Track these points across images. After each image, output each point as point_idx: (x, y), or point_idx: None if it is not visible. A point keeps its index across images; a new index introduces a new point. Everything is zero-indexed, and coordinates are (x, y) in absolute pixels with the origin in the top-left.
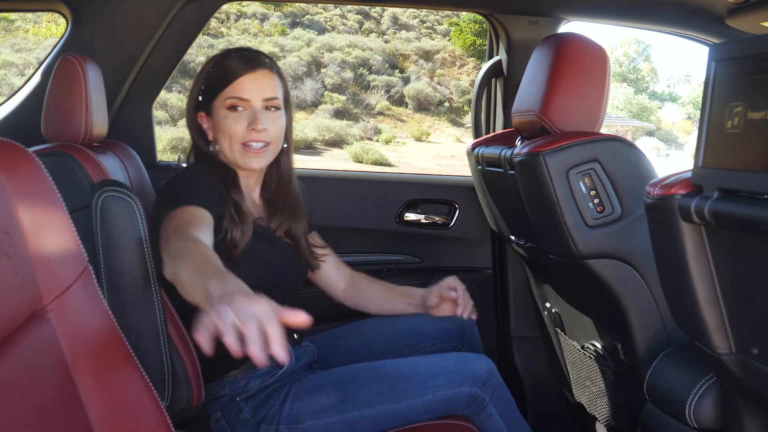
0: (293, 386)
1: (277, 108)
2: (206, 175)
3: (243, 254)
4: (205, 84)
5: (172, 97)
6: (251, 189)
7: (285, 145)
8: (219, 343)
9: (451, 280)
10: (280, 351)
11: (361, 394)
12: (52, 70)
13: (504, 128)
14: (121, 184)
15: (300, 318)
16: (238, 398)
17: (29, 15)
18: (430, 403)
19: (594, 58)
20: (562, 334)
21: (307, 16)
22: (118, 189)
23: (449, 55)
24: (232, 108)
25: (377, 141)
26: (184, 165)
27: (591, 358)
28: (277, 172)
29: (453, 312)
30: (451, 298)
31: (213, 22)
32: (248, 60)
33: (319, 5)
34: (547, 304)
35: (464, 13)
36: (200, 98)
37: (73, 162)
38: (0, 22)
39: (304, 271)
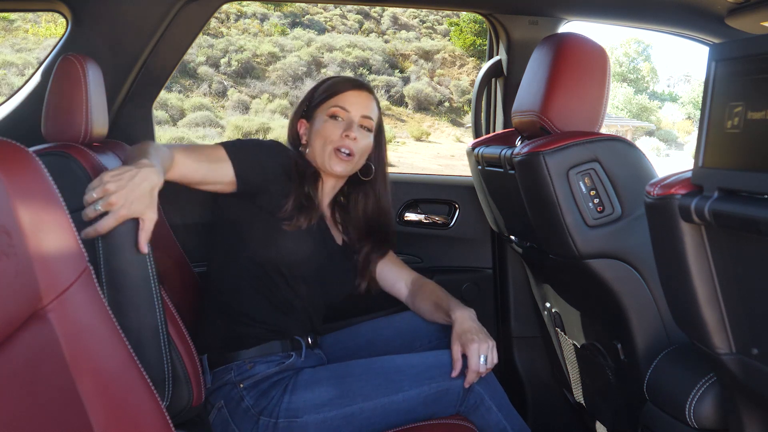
0: (292, 380)
1: (369, 129)
2: (294, 156)
3: (299, 237)
4: (313, 96)
5: (172, 97)
6: (328, 193)
7: (373, 167)
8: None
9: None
10: None
11: (358, 388)
12: (52, 70)
13: (504, 128)
14: None
15: None
16: (241, 384)
17: (29, 15)
18: (426, 395)
19: (594, 58)
20: (562, 334)
21: (307, 16)
22: None
23: (449, 55)
24: (333, 116)
25: None
26: None
27: (591, 358)
28: (374, 195)
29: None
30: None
31: (213, 22)
32: (356, 81)
33: (319, 5)
34: (547, 304)
35: (464, 13)
36: (306, 107)
37: (73, 162)
38: (0, 22)
39: (346, 276)
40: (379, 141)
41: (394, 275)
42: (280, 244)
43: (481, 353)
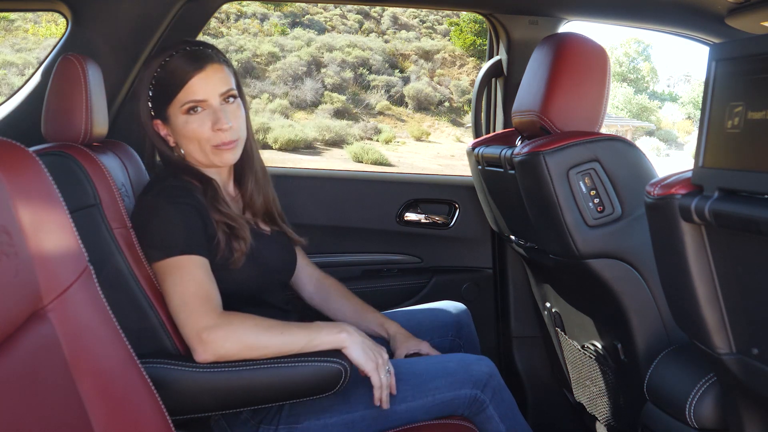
0: None
1: (234, 98)
2: (184, 191)
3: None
4: (153, 91)
5: None
6: (226, 185)
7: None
8: None
9: (424, 349)
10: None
11: (360, 395)
12: (52, 70)
13: (504, 128)
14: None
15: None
16: None
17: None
18: (430, 405)
19: (594, 58)
20: (562, 333)
21: (307, 16)
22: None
23: (449, 55)
24: (191, 111)
25: (377, 141)
26: (157, 168)
27: (591, 357)
28: (249, 160)
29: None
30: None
31: (213, 22)
32: (195, 58)
33: (319, 5)
34: (547, 304)
35: (464, 13)
36: (151, 106)
37: (73, 162)
38: (0, 21)
39: (292, 258)
40: (242, 96)
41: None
42: (241, 280)
43: None
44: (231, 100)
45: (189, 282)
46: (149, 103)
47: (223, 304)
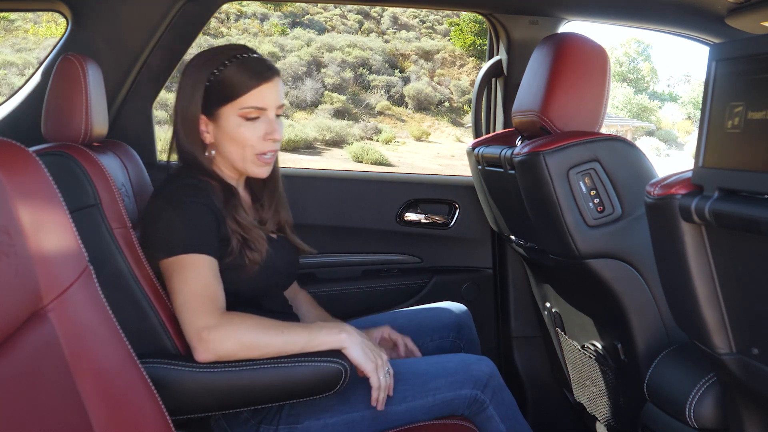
0: None
1: (283, 114)
2: (200, 190)
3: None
4: (210, 88)
5: (172, 97)
6: (243, 195)
7: None
8: None
9: (386, 332)
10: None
11: (360, 395)
12: (52, 70)
13: (504, 128)
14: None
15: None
16: None
17: (29, 15)
18: (430, 405)
19: (594, 58)
20: (562, 334)
21: (307, 16)
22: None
23: (449, 55)
24: (249, 117)
25: (377, 141)
26: (173, 167)
27: (591, 358)
28: (275, 173)
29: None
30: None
31: (213, 22)
32: (266, 67)
33: (319, 5)
34: (547, 304)
35: (464, 13)
36: (205, 103)
37: (73, 162)
38: (0, 21)
39: (296, 262)
40: None
41: None
42: (246, 282)
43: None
44: (282, 115)
45: (195, 281)
46: (201, 100)
47: (235, 306)
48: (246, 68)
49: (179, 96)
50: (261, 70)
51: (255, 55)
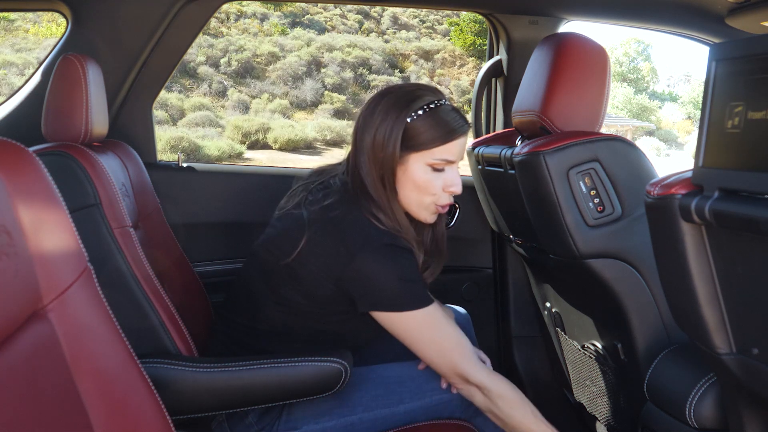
0: None
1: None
2: (405, 233)
3: None
4: (409, 129)
5: (172, 97)
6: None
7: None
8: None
9: None
10: None
11: (358, 398)
12: (52, 70)
13: (504, 128)
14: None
15: None
16: None
17: (29, 15)
18: (427, 407)
19: (594, 58)
20: (562, 333)
21: (307, 16)
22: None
23: (449, 55)
24: (437, 168)
25: None
26: (348, 210)
27: (591, 357)
28: (439, 222)
29: None
30: None
31: (213, 22)
32: (463, 119)
33: (319, 5)
34: (547, 304)
35: (464, 12)
36: (404, 143)
37: (73, 162)
38: (0, 21)
39: None
40: None
41: None
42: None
43: None
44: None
45: (445, 327)
46: (399, 138)
47: (323, 343)
48: (443, 120)
49: (368, 128)
50: (457, 125)
51: (449, 105)
